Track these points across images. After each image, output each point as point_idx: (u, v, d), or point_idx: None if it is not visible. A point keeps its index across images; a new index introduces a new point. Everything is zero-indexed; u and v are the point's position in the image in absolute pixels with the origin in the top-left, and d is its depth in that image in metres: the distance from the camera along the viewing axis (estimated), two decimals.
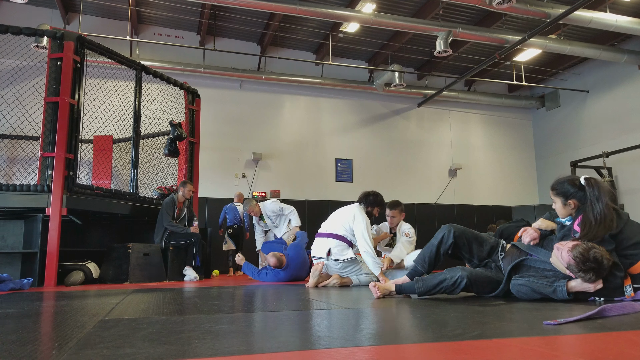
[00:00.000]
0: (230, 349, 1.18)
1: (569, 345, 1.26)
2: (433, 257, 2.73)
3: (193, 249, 5.54)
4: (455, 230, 2.71)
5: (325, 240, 4.03)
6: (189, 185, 5.84)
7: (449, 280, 2.45)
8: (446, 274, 2.50)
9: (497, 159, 12.02)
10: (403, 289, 2.62)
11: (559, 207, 2.54)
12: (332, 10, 7.95)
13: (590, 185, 2.42)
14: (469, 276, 2.44)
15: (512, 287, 2.42)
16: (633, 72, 9.86)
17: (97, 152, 6.82)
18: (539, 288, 2.30)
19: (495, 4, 7.04)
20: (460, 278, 2.43)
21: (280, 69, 10.32)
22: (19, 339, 1.38)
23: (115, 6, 8.70)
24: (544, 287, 2.29)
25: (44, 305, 2.60)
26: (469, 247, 2.72)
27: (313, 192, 10.21)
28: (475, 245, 2.72)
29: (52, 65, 4.85)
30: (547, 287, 2.28)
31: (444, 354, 1.14)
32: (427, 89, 11.15)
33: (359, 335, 1.43)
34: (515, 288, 2.40)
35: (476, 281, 2.47)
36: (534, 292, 2.32)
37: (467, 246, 2.72)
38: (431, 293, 2.51)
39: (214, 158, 9.53)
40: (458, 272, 2.46)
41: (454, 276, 2.45)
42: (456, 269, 2.50)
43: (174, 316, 1.91)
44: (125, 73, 5.82)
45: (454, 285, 2.44)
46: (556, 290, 2.24)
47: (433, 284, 2.49)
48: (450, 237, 2.70)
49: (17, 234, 4.92)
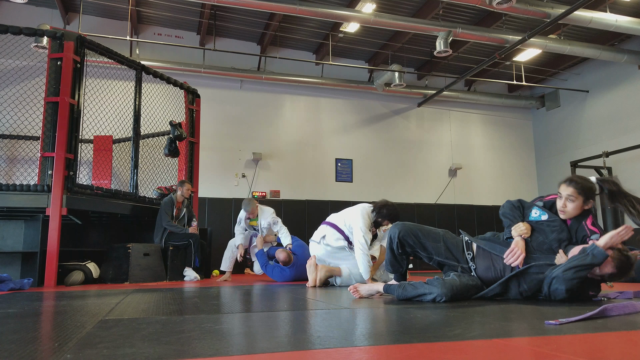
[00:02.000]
0: (230, 349, 1.18)
1: (569, 345, 1.26)
2: (393, 259, 2.66)
3: (192, 249, 5.54)
4: (400, 230, 2.59)
5: (324, 228, 4.18)
6: (187, 185, 5.84)
7: (427, 296, 2.33)
8: (425, 288, 2.36)
9: (497, 159, 12.02)
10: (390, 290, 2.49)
11: (576, 206, 2.39)
12: (332, 10, 7.95)
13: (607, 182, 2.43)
14: (448, 294, 2.30)
15: (552, 291, 2.21)
16: (633, 72, 9.86)
17: (97, 152, 6.83)
18: (578, 262, 2.12)
19: (495, 4, 7.04)
20: (439, 297, 2.30)
21: (280, 69, 10.32)
22: (19, 339, 1.38)
23: (115, 6, 8.70)
24: (581, 259, 2.13)
25: (44, 305, 2.60)
26: (422, 245, 2.58)
27: (313, 192, 10.21)
28: (428, 243, 2.58)
29: (52, 65, 4.85)
30: (585, 258, 2.13)
31: (444, 354, 1.14)
32: (427, 89, 11.15)
33: (358, 335, 1.43)
34: (554, 287, 2.20)
35: (456, 295, 2.34)
36: (577, 272, 2.12)
37: (419, 244, 2.58)
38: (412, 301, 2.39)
39: (214, 158, 9.53)
40: (437, 289, 2.31)
41: (432, 292, 2.32)
42: (436, 284, 2.35)
43: (174, 316, 1.91)
44: (125, 73, 5.82)
45: (433, 301, 2.30)
46: (595, 255, 2.11)
47: (411, 295, 2.38)
48: (395, 238, 2.60)
49: (17, 234, 4.92)
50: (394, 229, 2.63)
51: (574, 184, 2.40)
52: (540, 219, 2.46)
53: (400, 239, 2.58)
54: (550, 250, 2.41)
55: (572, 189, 2.39)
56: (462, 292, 2.38)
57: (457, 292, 2.34)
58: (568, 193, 2.40)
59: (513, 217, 2.51)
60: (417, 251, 2.61)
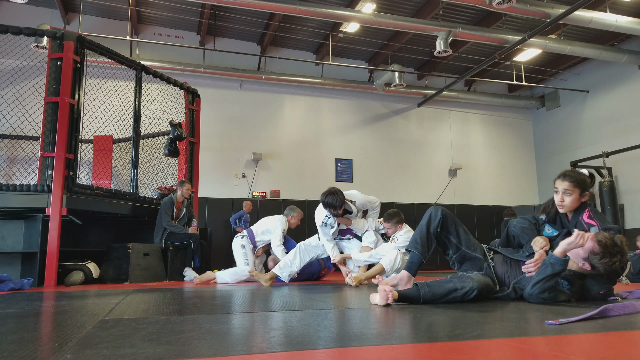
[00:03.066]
0: (230, 349, 1.18)
1: (569, 345, 1.26)
2: (424, 237, 2.58)
3: (192, 249, 5.54)
4: (442, 209, 2.63)
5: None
6: (187, 185, 5.84)
7: (459, 291, 2.27)
8: (456, 283, 2.30)
9: (497, 159, 12.02)
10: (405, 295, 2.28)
11: (573, 199, 2.44)
12: (332, 10, 7.95)
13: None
14: (479, 288, 2.29)
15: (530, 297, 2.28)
16: (633, 72, 9.86)
17: (97, 152, 6.82)
18: (541, 277, 2.19)
19: (495, 4, 7.04)
20: (471, 290, 2.27)
21: (280, 69, 10.32)
22: (19, 339, 1.38)
23: (115, 6, 8.70)
24: (542, 272, 2.20)
25: (44, 305, 2.60)
26: (457, 230, 2.60)
27: (313, 192, 10.20)
28: (462, 231, 2.61)
29: (52, 65, 4.84)
30: (545, 270, 2.18)
31: (444, 354, 1.14)
32: (427, 89, 11.15)
33: (358, 335, 1.43)
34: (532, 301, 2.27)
35: (482, 291, 2.33)
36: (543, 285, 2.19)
37: (454, 228, 2.60)
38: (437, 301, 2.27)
39: (214, 158, 9.53)
40: (469, 283, 2.29)
41: (464, 287, 2.28)
42: (464, 278, 2.34)
43: (174, 316, 1.91)
44: (125, 73, 5.82)
45: (464, 296, 2.27)
46: (552, 263, 2.15)
47: (441, 292, 2.27)
48: (438, 214, 2.60)
49: (17, 234, 4.92)
50: (435, 208, 2.65)
51: (568, 177, 2.46)
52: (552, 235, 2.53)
53: (444, 216, 2.59)
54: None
55: (567, 182, 2.45)
56: (487, 288, 2.38)
57: (484, 288, 2.34)
58: (564, 187, 2.46)
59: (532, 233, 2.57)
60: (450, 237, 2.60)
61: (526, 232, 2.58)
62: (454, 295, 2.27)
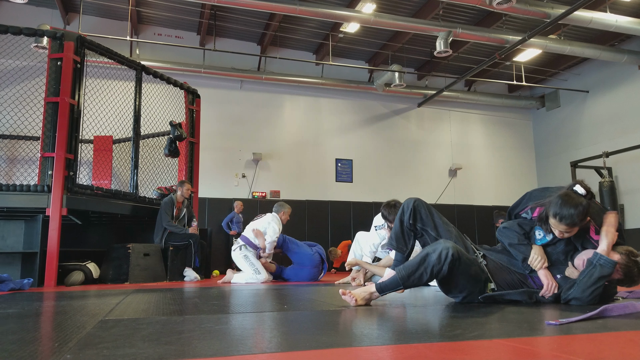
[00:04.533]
0: (230, 349, 1.18)
1: (569, 345, 1.26)
2: (399, 231, 2.44)
3: (192, 250, 5.54)
4: (415, 201, 2.45)
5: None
6: (187, 185, 5.84)
7: (432, 254, 2.11)
8: (428, 248, 2.17)
9: (497, 159, 12.02)
10: (384, 285, 2.18)
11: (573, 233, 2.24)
12: (332, 10, 7.95)
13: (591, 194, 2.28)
14: (454, 247, 2.10)
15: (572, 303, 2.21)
16: (633, 72, 9.86)
17: (97, 152, 6.83)
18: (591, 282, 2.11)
19: (495, 4, 7.04)
20: (444, 249, 2.09)
21: (280, 69, 10.32)
22: (19, 339, 1.38)
23: (115, 6, 8.70)
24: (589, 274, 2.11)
25: (44, 305, 2.60)
26: (434, 223, 2.41)
27: (313, 192, 10.21)
28: (441, 223, 2.42)
29: (52, 65, 4.84)
30: (593, 272, 2.10)
31: (444, 354, 1.14)
32: (427, 89, 11.15)
33: (357, 335, 1.43)
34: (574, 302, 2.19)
35: (460, 258, 2.13)
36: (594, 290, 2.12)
37: (431, 222, 2.41)
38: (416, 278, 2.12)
39: (214, 158, 9.53)
40: (440, 244, 2.12)
41: (436, 249, 2.12)
42: (436, 243, 2.18)
43: (174, 316, 1.91)
44: (125, 73, 5.82)
45: (439, 260, 2.09)
46: (602, 265, 2.08)
47: (415, 263, 2.14)
48: (409, 208, 2.41)
49: (17, 234, 4.92)
50: (408, 200, 2.48)
51: (564, 220, 2.15)
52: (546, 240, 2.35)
53: (415, 207, 2.42)
54: (559, 262, 2.34)
55: (564, 226, 2.17)
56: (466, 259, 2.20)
57: (462, 255, 2.16)
58: (561, 229, 2.20)
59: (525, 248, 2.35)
60: (427, 230, 2.41)
61: (517, 248, 2.36)
62: (429, 261, 2.12)
